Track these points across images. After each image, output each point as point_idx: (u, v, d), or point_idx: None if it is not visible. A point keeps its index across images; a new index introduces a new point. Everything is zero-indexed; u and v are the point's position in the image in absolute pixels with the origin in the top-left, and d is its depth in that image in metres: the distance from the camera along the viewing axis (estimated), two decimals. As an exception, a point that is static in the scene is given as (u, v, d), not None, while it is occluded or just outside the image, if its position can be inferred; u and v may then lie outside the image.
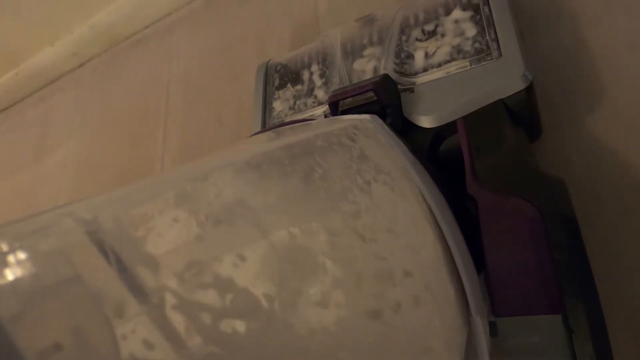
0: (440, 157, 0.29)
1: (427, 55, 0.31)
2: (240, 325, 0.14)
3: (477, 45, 0.29)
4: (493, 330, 0.23)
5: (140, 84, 0.64)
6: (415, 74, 0.31)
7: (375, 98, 0.29)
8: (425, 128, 0.29)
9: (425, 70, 0.31)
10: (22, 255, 0.12)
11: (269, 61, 0.40)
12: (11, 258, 0.12)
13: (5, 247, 0.12)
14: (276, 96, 0.38)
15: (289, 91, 0.37)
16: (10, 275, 0.11)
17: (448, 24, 0.31)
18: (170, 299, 0.13)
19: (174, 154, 0.56)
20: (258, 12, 0.55)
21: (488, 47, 0.29)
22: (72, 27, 0.71)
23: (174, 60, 0.62)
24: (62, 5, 0.67)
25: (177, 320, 0.13)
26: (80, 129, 0.70)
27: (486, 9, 0.30)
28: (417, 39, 0.32)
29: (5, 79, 0.81)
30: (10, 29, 0.71)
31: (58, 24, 0.71)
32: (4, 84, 0.81)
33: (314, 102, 0.35)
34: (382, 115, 0.28)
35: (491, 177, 0.24)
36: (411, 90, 0.30)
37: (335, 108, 0.31)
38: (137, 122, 0.62)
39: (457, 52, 0.30)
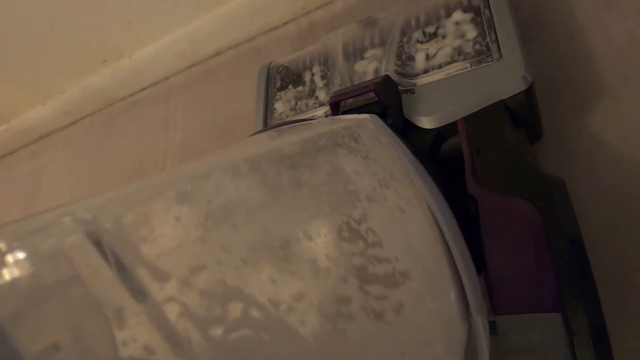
0: (441, 158, 0.29)
1: (428, 57, 0.31)
2: (240, 326, 0.13)
3: (477, 46, 0.29)
4: (493, 329, 0.22)
5: (135, 150, 0.61)
6: (416, 75, 0.31)
7: (376, 99, 0.29)
8: (426, 129, 0.29)
9: (426, 71, 0.31)
10: (21, 255, 0.12)
11: (270, 63, 0.40)
12: (10, 258, 0.11)
13: (4, 247, 0.12)
14: (277, 97, 0.38)
15: (291, 92, 0.37)
16: (9, 275, 0.11)
17: (449, 25, 0.31)
18: (169, 299, 0.13)
19: None
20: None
21: (488, 48, 0.29)
22: (64, 87, 0.68)
23: (170, 129, 0.58)
24: (54, 67, 0.64)
25: (177, 320, 0.13)
26: (71, 190, 0.66)
27: (487, 11, 0.30)
28: (418, 41, 0.32)
29: None
30: (1, 86, 0.68)
31: (50, 85, 0.68)
32: None
33: (315, 103, 0.35)
34: (383, 116, 0.28)
35: (491, 177, 0.24)
36: (412, 92, 0.30)
37: (337, 108, 0.31)
38: None
39: (458, 54, 0.30)
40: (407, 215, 0.22)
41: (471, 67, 0.29)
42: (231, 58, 0.57)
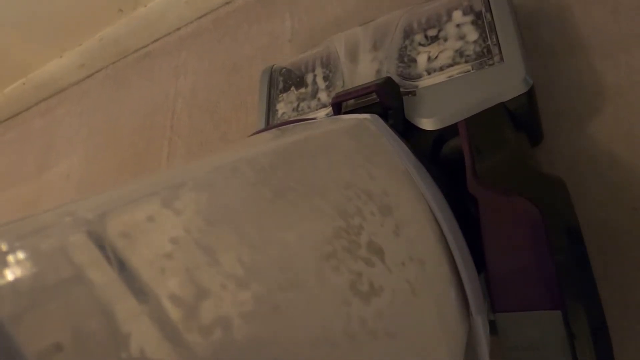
0: (442, 160, 0.29)
1: (429, 59, 0.31)
2: (241, 327, 0.13)
3: (478, 49, 0.29)
4: (493, 329, 0.22)
5: (146, 98, 0.63)
6: (418, 77, 0.31)
7: (378, 100, 0.29)
8: (427, 130, 0.29)
9: (427, 73, 0.31)
10: (22, 255, 0.11)
11: (273, 65, 0.40)
12: (11, 258, 0.11)
13: (5, 247, 0.11)
14: (280, 99, 0.38)
15: (293, 94, 0.37)
16: (10, 275, 0.11)
17: (450, 28, 0.31)
18: (170, 299, 0.12)
19: None
20: (267, 33, 0.54)
21: (490, 51, 0.29)
22: (80, 39, 0.70)
23: (181, 76, 0.61)
24: (71, 18, 0.66)
25: (178, 320, 0.12)
26: (85, 142, 0.69)
27: (488, 15, 0.30)
28: (420, 44, 0.32)
29: (12, 87, 0.80)
30: (20, 39, 0.70)
31: (67, 36, 0.70)
32: (11, 93, 0.80)
33: (317, 105, 0.35)
34: (384, 117, 0.28)
35: (492, 177, 0.24)
36: (413, 93, 0.30)
37: (338, 109, 0.31)
38: (142, 137, 0.61)
39: (459, 56, 0.30)
40: (407, 215, 0.21)
41: (472, 69, 0.29)
42: (239, 6, 0.59)
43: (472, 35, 0.30)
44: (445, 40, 0.31)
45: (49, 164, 0.72)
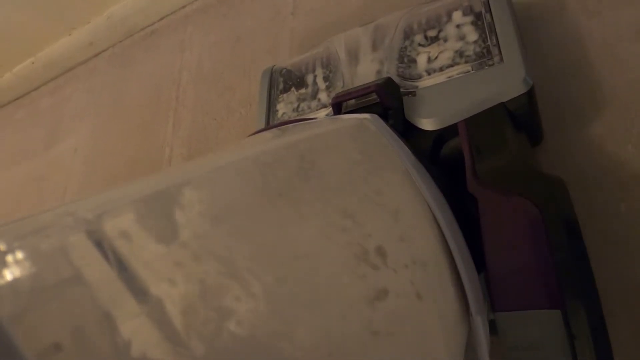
0: (441, 160, 0.29)
1: (429, 60, 0.31)
2: (241, 327, 0.13)
3: (478, 50, 0.29)
4: (493, 329, 0.22)
5: (152, 73, 0.65)
6: (418, 77, 0.31)
7: (378, 100, 0.29)
8: (427, 131, 0.28)
9: (427, 74, 0.30)
10: (22, 255, 0.11)
11: (273, 66, 0.40)
12: (11, 258, 0.11)
13: (5, 247, 0.11)
14: (280, 99, 0.38)
15: (293, 94, 0.37)
16: (10, 275, 0.11)
17: (450, 29, 0.31)
18: (170, 299, 0.12)
19: (183, 140, 0.56)
20: (270, 7, 0.55)
21: (489, 52, 0.29)
22: (89, 17, 0.72)
23: (187, 51, 0.62)
24: None
25: (177, 320, 0.12)
26: (92, 117, 0.70)
27: (488, 16, 0.30)
28: (420, 44, 0.32)
29: (22, 66, 0.81)
30: (29, 17, 0.71)
31: (75, 14, 0.71)
32: (21, 72, 0.81)
33: (317, 105, 0.35)
34: (384, 117, 0.27)
35: (492, 176, 0.24)
36: (413, 94, 0.30)
37: (339, 109, 0.31)
38: (148, 110, 0.62)
39: (459, 57, 0.30)
40: (407, 215, 0.21)
41: (472, 70, 0.29)
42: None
43: (472, 35, 0.30)
44: (445, 40, 0.31)
45: (57, 140, 0.73)
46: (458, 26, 0.31)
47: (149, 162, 0.58)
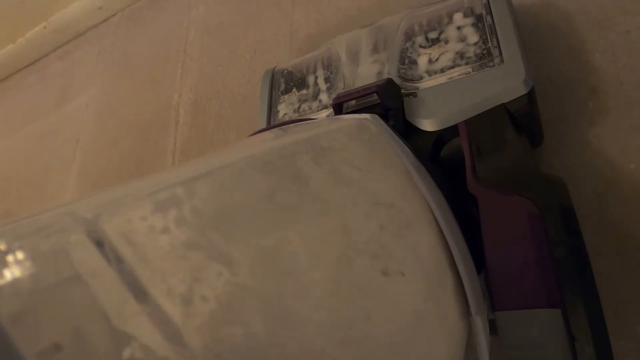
0: (442, 161, 0.29)
1: (430, 61, 0.31)
2: (242, 327, 0.13)
3: (479, 51, 0.29)
4: (493, 329, 0.22)
5: (161, 31, 0.67)
6: (419, 79, 0.31)
7: (379, 101, 0.29)
8: (428, 131, 0.28)
9: (428, 75, 0.30)
10: (22, 255, 0.11)
11: (275, 67, 0.40)
12: (11, 258, 0.11)
13: (5, 247, 0.11)
14: (281, 100, 0.38)
15: (294, 95, 0.37)
16: (10, 275, 0.11)
17: (451, 31, 0.31)
18: (170, 299, 0.12)
19: (191, 87, 0.58)
20: None
21: (490, 53, 0.29)
22: None
23: (193, 9, 0.63)
24: None
25: (177, 320, 0.12)
26: (102, 75, 0.72)
27: (489, 17, 0.30)
28: (421, 46, 0.32)
29: (34, 32, 0.82)
30: None
31: None
32: (33, 37, 0.83)
33: (318, 106, 0.35)
34: (385, 118, 0.27)
35: (492, 176, 0.24)
36: (414, 95, 0.30)
37: (339, 110, 0.31)
38: (157, 65, 0.64)
39: (460, 58, 0.30)
40: (407, 216, 0.21)
41: (473, 71, 0.29)
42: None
43: (473, 37, 0.30)
44: (446, 42, 0.31)
45: (68, 99, 0.76)
46: (459, 28, 0.31)
47: (158, 108, 0.60)
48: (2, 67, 0.89)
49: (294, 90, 0.37)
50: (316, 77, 0.36)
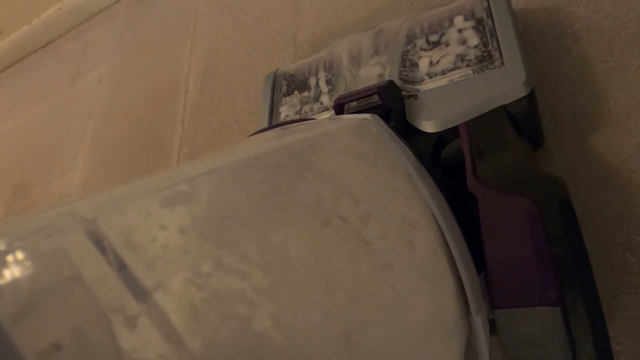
0: (442, 162, 0.29)
1: (431, 64, 0.31)
2: (240, 327, 0.13)
3: (479, 54, 0.29)
4: (493, 328, 0.22)
5: (171, 8, 0.70)
6: (420, 81, 0.31)
7: (380, 102, 0.29)
8: (428, 133, 0.28)
9: (429, 77, 0.30)
10: (22, 255, 0.11)
11: (277, 70, 0.40)
12: (11, 258, 0.11)
13: (5, 247, 0.11)
14: (283, 102, 0.38)
15: (296, 97, 0.37)
16: (10, 275, 0.11)
17: (452, 34, 0.31)
18: (170, 299, 0.12)
19: (200, 58, 0.61)
20: None
21: (490, 56, 0.29)
22: None
23: None
24: None
25: (177, 320, 0.12)
26: (114, 52, 0.75)
27: (489, 20, 0.30)
28: (422, 48, 0.32)
29: (49, 13, 0.85)
30: None
31: None
32: (48, 18, 0.85)
33: (319, 108, 0.35)
34: (386, 119, 0.27)
35: (492, 176, 0.24)
36: (415, 97, 0.30)
37: (340, 111, 0.31)
38: (167, 40, 0.67)
39: (461, 61, 0.30)
40: (407, 216, 0.21)
41: (473, 73, 0.29)
42: None
43: (474, 40, 0.30)
44: (447, 45, 0.31)
45: (81, 75, 0.79)
46: (460, 31, 0.31)
47: (169, 79, 0.63)
48: (18, 48, 0.91)
49: (296, 92, 0.37)
50: (318, 79, 0.36)
